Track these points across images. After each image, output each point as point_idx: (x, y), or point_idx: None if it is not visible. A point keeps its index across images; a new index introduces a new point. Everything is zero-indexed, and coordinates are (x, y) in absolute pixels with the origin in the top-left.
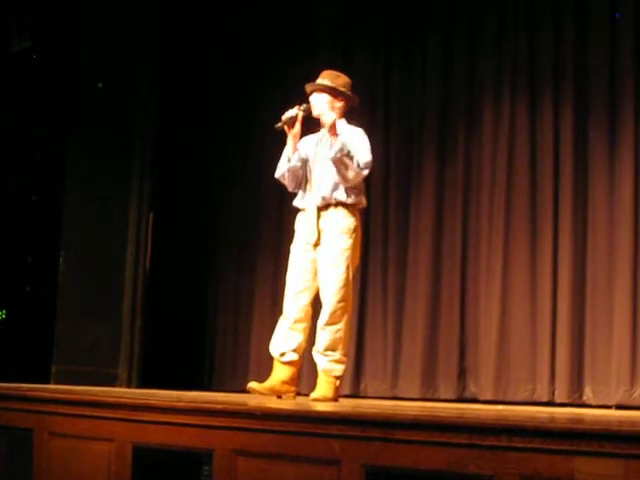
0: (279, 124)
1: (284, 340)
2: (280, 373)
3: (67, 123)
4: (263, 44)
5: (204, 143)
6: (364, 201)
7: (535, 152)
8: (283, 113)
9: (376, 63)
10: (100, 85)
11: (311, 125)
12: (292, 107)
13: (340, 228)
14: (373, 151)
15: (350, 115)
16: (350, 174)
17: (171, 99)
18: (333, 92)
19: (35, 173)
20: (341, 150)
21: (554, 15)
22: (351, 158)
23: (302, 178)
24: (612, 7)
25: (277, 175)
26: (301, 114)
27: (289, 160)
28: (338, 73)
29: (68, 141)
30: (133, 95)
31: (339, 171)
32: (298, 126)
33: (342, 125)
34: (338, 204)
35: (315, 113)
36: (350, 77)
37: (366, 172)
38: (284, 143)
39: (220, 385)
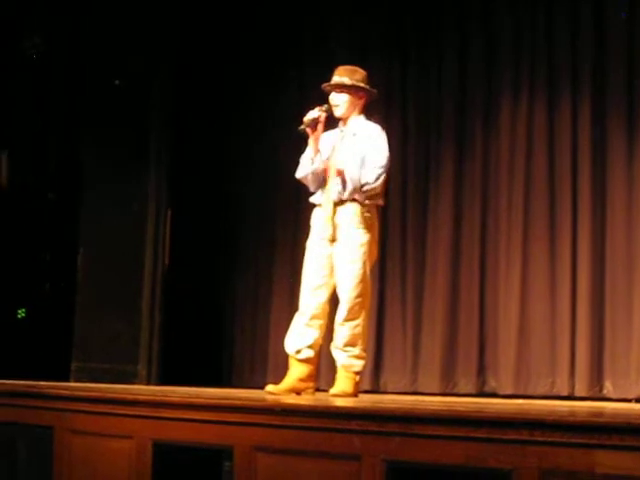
0: (302, 127)
1: (299, 337)
2: (296, 371)
3: (83, 120)
4: (279, 41)
5: (221, 140)
6: (381, 201)
7: (553, 148)
8: (301, 110)
9: (392, 60)
10: (117, 82)
11: (332, 123)
12: (313, 108)
13: (356, 223)
14: (390, 148)
15: (369, 111)
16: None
17: (188, 96)
18: (353, 89)
19: (52, 171)
20: (353, 189)
21: (572, 12)
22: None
23: (323, 179)
24: (631, 4)
25: (299, 176)
26: (323, 115)
27: (312, 162)
28: (354, 68)
29: (85, 138)
30: (149, 92)
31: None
32: (320, 127)
33: (361, 122)
34: (354, 199)
35: (337, 113)
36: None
37: (382, 178)
38: (301, 139)
39: (239, 381)
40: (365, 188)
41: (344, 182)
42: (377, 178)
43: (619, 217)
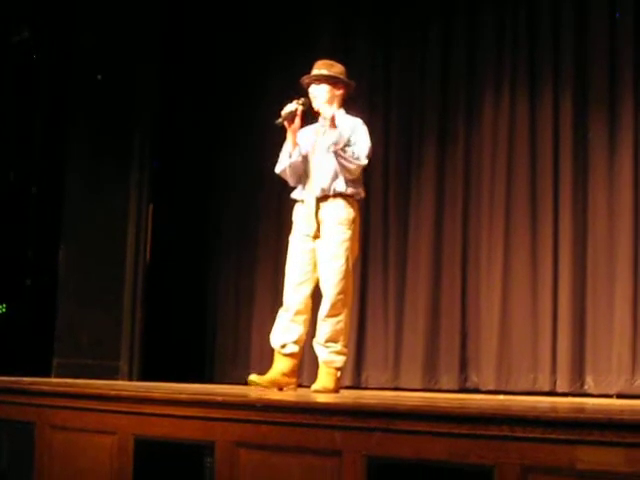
0: (279, 120)
1: (284, 332)
2: (280, 365)
3: (66, 115)
4: (263, 38)
5: (204, 135)
6: (362, 192)
7: (535, 143)
8: (282, 107)
9: (376, 53)
10: (99, 77)
11: (310, 118)
12: (291, 102)
13: (339, 219)
14: (372, 142)
15: (349, 105)
16: (350, 165)
17: (171, 91)
18: (331, 81)
19: (35, 165)
20: (340, 141)
21: (554, 7)
22: (350, 148)
23: (303, 172)
24: (612, 1)
25: (278, 170)
26: (300, 108)
27: (290, 156)
28: (332, 62)
29: (67, 133)
30: (132, 86)
31: (340, 163)
32: (298, 121)
33: (341, 115)
34: (337, 195)
35: (315, 105)
36: (350, 67)
37: (364, 162)
38: (284, 136)
39: (221, 377)
40: (350, 150)
41: (334, 125)
42: (363, 157)
43: (600, 213)
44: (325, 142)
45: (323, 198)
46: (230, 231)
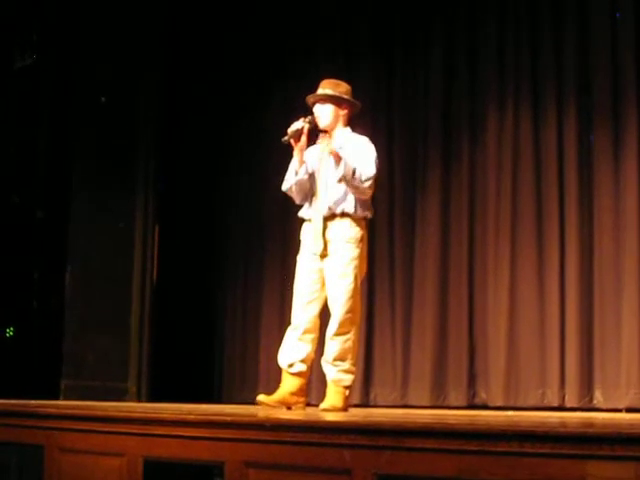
0: (285, 138)
1: (292, 351)
2: (288, 384)
3: (71, 138)
4: (265, 55)
5: (208, 155)
6: (370, 213)
7: (539, 157)
8: (287, 126)
9: (379, 71)
10: (103, 99)
11: (316, 136)
12: (297, 120)
13: (347, 238)
14: (377, 157)
15: (354, 123)
16: (362, 187)
17: (174, 112)
18: (336, 101)
19: (40, 189)
20: (348, 173)
21: (555, 21)
22: (357, 174)
23: (309, 190)
24: (613, 10)
25: (284, 188)
26: (307, 126)
27: (296, 173)
28: (338, 81)
29: (72, 155)
30: (136, 108)
31: (352, 189)
32: (304, 139)
33: (347, 133)
34: (344, 214)
35: (321, 124)
36: (352, 85)
37: (371, 184)
38: (288, 153)
39: (229, 397)
40: (358, 174)
41: (339, 159)
42: (369, 179)
43: (606, 226)
44: (331, 163)
45: (330, 217)
46: (236, 251)
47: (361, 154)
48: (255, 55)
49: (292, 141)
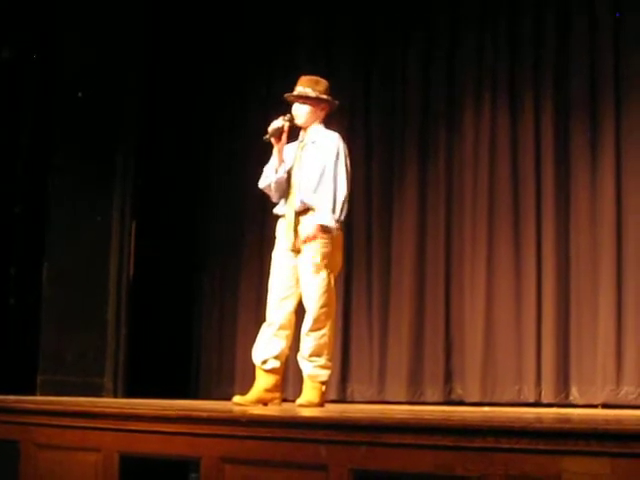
0: (267, 136)
1: (266, 347)
2: (262, 382)
3: (50, 134)
4: (246, 54)
5: (187, 152)
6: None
7: (516, 152)
8: (267, 123)
9: (356, 66)
10: (80, 94)
11: (296, 133)
12: (276, 118)
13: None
14: (354, 155)
15: (330, 120)
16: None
17: (154, 109)
18: (315, 100)
19: (18, 184)
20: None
21: (534, 15)
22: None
23: (286, 188)
24: (591, 7)
25: (262, 185)
26: (287, 125)
27: (276, 171)
28: (317, 78)
29: (50, 151)
30: (116, 104)
31: None
32: (284, 137)
33: (320, 131)
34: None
35: (298, 122)
36: (330, 81)
37: (343, 211)
38: (269, 152)
39: (206, 393)
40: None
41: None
42: (340, 213)
43: (583, 223)
44: (305, 157)
45: (303, 211)
46: (214, 247)
47: (327, 187)
48: (236, 53)
49: (273, 140)
